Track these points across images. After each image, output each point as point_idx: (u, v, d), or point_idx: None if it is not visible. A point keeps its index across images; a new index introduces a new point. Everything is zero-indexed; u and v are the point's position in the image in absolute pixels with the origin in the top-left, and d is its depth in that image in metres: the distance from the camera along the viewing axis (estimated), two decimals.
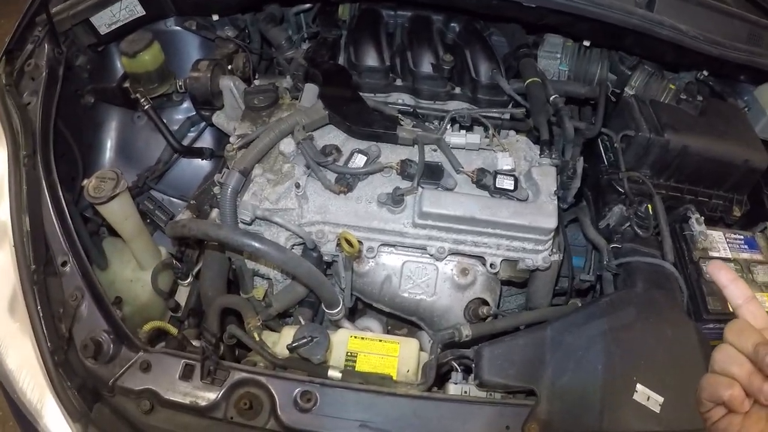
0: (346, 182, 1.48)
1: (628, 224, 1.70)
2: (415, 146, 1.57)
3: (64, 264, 1.41)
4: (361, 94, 1.69)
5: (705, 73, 2.07)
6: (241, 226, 1.51)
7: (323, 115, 1.58)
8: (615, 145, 1.79)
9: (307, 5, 2.01)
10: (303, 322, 1.44)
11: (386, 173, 1.54)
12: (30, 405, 1.31)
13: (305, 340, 1.27)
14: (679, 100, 1.91)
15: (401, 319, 1.69)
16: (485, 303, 1.56)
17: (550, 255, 1.57)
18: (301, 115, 1.56)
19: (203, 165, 2.04)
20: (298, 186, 1.47)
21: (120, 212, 1.59)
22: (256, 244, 1.32)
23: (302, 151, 1.52)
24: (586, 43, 1.92)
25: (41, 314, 1.34)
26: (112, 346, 1.31)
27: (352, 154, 1.53)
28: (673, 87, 1.96)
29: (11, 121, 1.59)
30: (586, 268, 1.80)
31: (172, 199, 2.02)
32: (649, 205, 1.70)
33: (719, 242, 1.70)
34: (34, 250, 1.41)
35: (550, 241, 1.56)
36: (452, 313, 1.57)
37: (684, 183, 1.83)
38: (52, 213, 1.46)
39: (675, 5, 1.81)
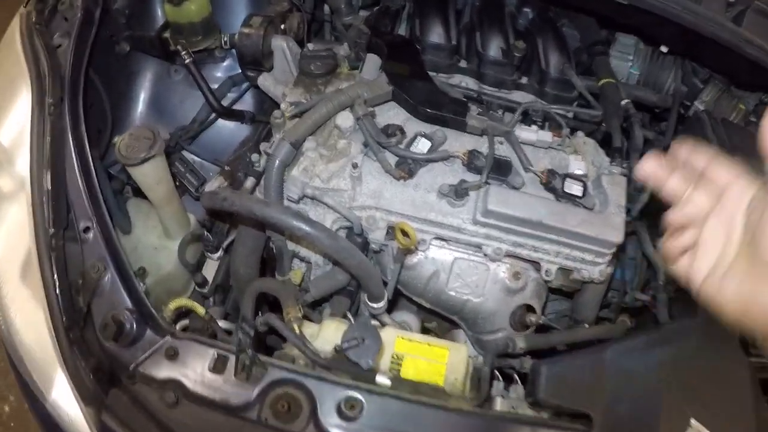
0: (407, 167, 1.36)
1: None
2: (483, 136, 1.44)
3: (86, 230, 1.27)
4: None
5: None
6: (286, 203, 1.39)
7: (387, 91, 1.45)
8: None
9: None
10: (352, 320, 1.32)
11: (450, 162, 1.42)
12: (38, 380, 1.20)
13: (356, 342, 1.15)
14: (748, 122, 1.80)
15: (439, 316, 1.58)
16: (532, 310, 1.46)
17: (606, 268, 1.46)
18: (363, 87, 1.43)
19: (241, 129, 1.91)
20: (355, 166, 1.35)
21: (153, 176, 1.46)
22: (307, 228, 1.20)
23: (362, 128, 1.39)
24: (664, 49, 1.79)
25: (57, 285, 1.21)
26: (135, 326, 1.18)
27: (415, 137, 1.40)
28: (743, 107, 1.84)
29: (39, 64, 1.44)
30: (635, 284, 1.69)
31: (204, 162, 1.89)
32: None
33: None
34: (54, 211, 1.27)
35: (611, 256, 1.45)
36: (498, 317, 1.46)
37: None
38: (77, 171, 1.32)
39: (763, 23, 1.69)
